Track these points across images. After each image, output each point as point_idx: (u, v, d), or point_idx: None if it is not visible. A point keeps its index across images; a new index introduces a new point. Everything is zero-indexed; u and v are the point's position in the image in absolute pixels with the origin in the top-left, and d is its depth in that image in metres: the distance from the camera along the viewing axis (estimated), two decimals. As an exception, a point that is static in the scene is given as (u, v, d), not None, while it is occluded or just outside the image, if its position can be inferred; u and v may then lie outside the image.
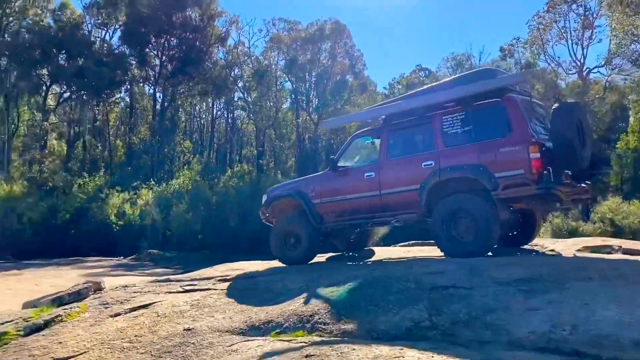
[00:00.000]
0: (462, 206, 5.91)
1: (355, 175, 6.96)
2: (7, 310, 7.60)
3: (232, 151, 50.54)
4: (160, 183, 33.40)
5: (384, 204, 6.56)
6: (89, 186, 29.72)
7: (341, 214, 6.97)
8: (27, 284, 12.93)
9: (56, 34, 31.87)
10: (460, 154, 5.98)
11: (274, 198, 7.67)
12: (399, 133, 6.76)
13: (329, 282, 4.86)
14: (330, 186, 7.12)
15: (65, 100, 36.34)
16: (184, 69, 38.57)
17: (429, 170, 6.12)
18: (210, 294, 5.07)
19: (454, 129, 6.14)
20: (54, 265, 19.15)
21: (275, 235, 7.37)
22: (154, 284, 5.74)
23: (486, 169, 5.73)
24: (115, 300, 5.09)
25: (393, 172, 6.56)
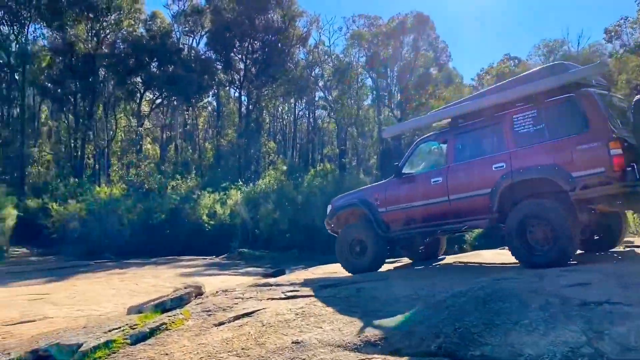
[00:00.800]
0: (539, 211, 5.55)
1: (422, 181, 6.78)
2: (113, 313, 7.79)
3: (314, 151, 50.89)
4: (248, 183, 34.20)
5: (452, 210, 6.34)
6: (182, 188, 30.92)
7: (408, 221, 6.82)
8: (129, 284, 13.46)
9: (148, 43, 33.53)
10: (533, 154, 5.68)
11: (338, 208, 7.67)
12: (466, 135, 6.52)
13: (441, 291, 4.37)
14: (395, 194, 6.98)
15: (157, 106, 38.16)
16: (267, 71, 39.26)
17: (500, 172, 5.86)
18: (314, 302, 4.75)
19: (525, 128, 5.87)
20: (152, 265, 19.97)
21: (340, 243, 7.35)
22: (254, 288, 5.53)
23: (562, 168, 5.39)
24: (217, 307, 4.92)
25: (461, 176, 6.33)
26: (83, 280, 15.20)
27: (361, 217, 7.45)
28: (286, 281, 5.92)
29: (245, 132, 39.41)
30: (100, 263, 21.06)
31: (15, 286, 14.72)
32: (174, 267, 19.26)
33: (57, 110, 37.47)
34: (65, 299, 10.73)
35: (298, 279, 6.05)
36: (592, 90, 5.73)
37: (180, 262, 21.06)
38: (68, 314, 8.75)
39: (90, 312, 9.17)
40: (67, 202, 28.35)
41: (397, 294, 4.73)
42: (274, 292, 5.20)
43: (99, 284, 13.69)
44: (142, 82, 35.18)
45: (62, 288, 12.75)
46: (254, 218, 27.09)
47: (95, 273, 17.34)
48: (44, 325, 7.31)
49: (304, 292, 5.15)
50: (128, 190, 31.24)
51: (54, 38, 33.93)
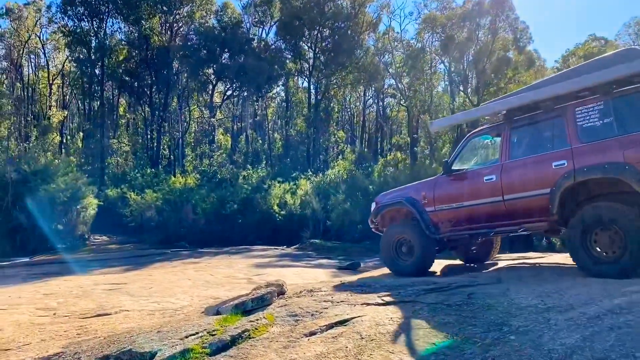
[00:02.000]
0: (607, 215, 4.96)
1: (473, 179, 6.31)
2: (189, 308, 7.39)
3: (383, 140, 49.78)
4: (317, 173, 33.82)
5: (507, 211, 5.84)
6: (253, 178, 30.99)
7: (458, 222, 6.39)
8: (203, 274, 13.28)
9: (219, 34, 33.76)
10: (599, 151, 5.08)
11: (383, 206, 7.30)
12: (523, 129, 5.98)
13: (580, 302, 3.47)
14: (444, 192, 6.57)
15: (229, 97, 38.50)
16: (336, 59, 38.55)
17: (561, 171, 5.32)
18: (418, 310, 4.00)
19: (590, 121, 5.27)
20: (225, 254, 19.93)
21: (385, 242, 7.00)
22: (344, 290, 4.84)
23: (633, 167, 4.77)
24: (305, 311, 4.30)
25: (517, 174, 5.81)
26: (159, 269, 15.26)
27: (408, 216, 7.04)
28: (379, 283, 5.19)
29: (314, 121, 39.00)
30: (175, 251, 21.31)
31: (96, 274, 15.01)
32: (246, 256, 19.09)
33: (134, 103, 38.66)
34: (141, 290, 10.60)
35: (393, 280, 5.31)
36: None
37: (252, 251, 20.91)
38: (144, 307, 8.50)
39: (165, 304, 8.91)
40: (144, 191, 29.13)
41: (518, 302, 3.89)
42: (369, 296, 4.49)
43: (174, 273, 13.61)
44: (213, 73, 35.53)
45: (139, 277, 12.74)
46: (324, 208, 26.59)
47: (171, 262, 17.45)
48: (119, 319, 7.02)
49: (404, 296, 4.41)
50: (201, 180, 31.72)
51: (130, 32, 34.90)
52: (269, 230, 26.73)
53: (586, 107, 5.37)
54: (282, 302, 4.71)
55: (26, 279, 14.51)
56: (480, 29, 36.92)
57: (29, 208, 22.95)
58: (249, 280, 12.30)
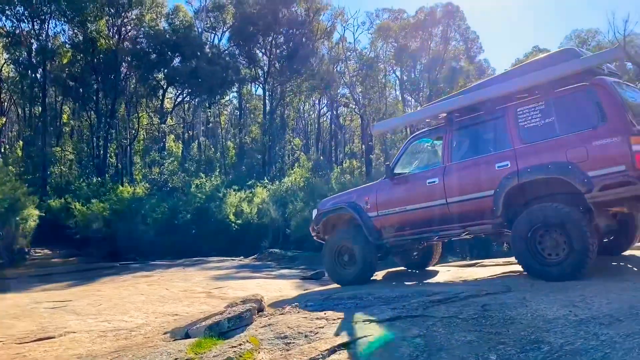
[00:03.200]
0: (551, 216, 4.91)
1: (416, 182, 6.22)
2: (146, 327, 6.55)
3: (337, 148, 49.61)
4: (273, 181, 33.06)
5: (451, 214, 5.74)
6: (206, 186, 29.89)
7: (402, 227, 6.25)
8: (158, 288, 12.31)
9: (170, 38, 32.55)
10: (542, 151, 5.05)
11: (325, 212, 7.09)
12: (465, 131, 5.94)
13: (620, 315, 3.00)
14: (387, 196, 6.43)
15: (180, 102, 37.23)
16: (291, 66, 38.06)
17: (505, 172, 5.26)
18: (431, 326, 3.43)
19: (532, 122, 5.25)
20: (179, 267, 18.88)
21: (327, 252, 6.84)
22: (336, 303, 4.21)
23: (576, 167, 4.76)
24: (295, 332, 3.64)
25: (461, 176, 5.73)
26: (108, 284, 14.13)
27: (350, 222, 6.88)
28: (369, 293, 4.59)
29: (269, 128, 38.27)
30: (125, 265, 20.06)
31: (37, 291, 13.74)
32: (202, 269, 18.15)
33: (79, 109, 36.73)
34: (89, 307, 9.59)
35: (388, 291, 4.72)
36: (609, 78, 5.05)
37: (208, 263, 19.94)
38: (93, 327, 7.58)
39: (118, 324, 8.00)
40: (90, 202, 27.50)
41: (543, 313, 3.39)
42: (370, 311, 3.88)
43: (125, 288, 12.56)
44: (164, 78, 34.18)
45: (86, 294, 11.65)
46: (283, 217, 25.86)
47: (120, 276, 16.30)
48: (65, 343, 6.12)
49: (408, 310, 3.82)
50: (152, 189, 30.33)
51: (75, 34, 33.15)
52: (224, 240, 25.73)
53: (527, 107, 5.32)
54: (264, 320, 4.03)
55: (-44, 298, 13.07)
56: (433, 39, 37.40)
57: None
58: (208, 294, 11.47)
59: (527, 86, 5.42)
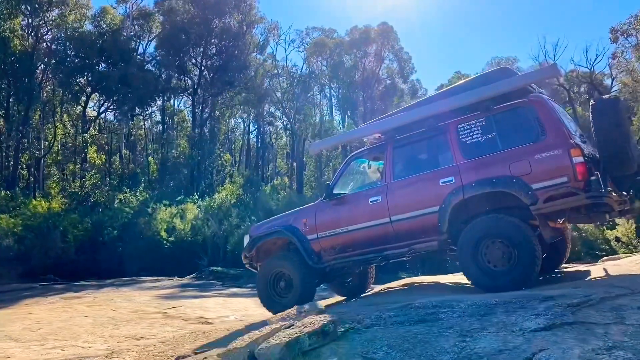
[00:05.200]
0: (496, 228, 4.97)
1: (358, 201, 6.04)
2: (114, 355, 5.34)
3: (264, 165, 48.69)
4: (204, 197, 31.51)
5: (396, 232, 5.62)
6: (132, 201, 27.83)
7: (343, 248, 6.04)
8: (101, 310, 10.76)
9: (96, 40, 30.26)
10: (485, 166, 5.11)
11: (259, 237, 6.73)
12: (406, 148, 5.90)
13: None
14: (327, 217, 6.22)
15: (105, 110, 34.72)
16: (223, 78, 36.90)
17: (449, 188, 5.25)
18: (614, 336, 2.71)
19: (473, 138, 5.32)
20: (110, 287, 17.01)
21: (261, 278, 6.56)
22: (445, 316, 3.40)
23: (520, 180, 4.87)
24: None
25: (404, 193, 5.66)
26: (36, 306, 12.23)
27: (286, 247, 6.64)
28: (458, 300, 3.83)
29: (199, 142, 36.68)
30: (46, 285, 17.78)
31: (-55, 316, 11.59)
32: (138, 289, 16.42)
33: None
34: (27, 332, 8.04)
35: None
36: (545, 95, 5.38)
37: (142, 283, 18.15)
38: (43, 356, 6.20)
39: (76, 350, 6.65)
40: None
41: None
42: (510, 319, 3.07)
43: (63, 310, 10.87)
44: (88, 83, 31.62)
45: (16, 317, 9.88)
46: (220, 233, 24.45)
47: (45, 297, 14.28)
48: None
49: (557, 316, 3.07)
50: (70, 203, 27.71)
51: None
52: (155, 258, 23.82)
53: (468, 123, 5.37)
54: (354, 335, 3.14)
55: None
56: (367, 57, 37.85)
57: None
58: (164, 314, 10.15)
59: (468, 103, 5.44)
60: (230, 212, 28.11)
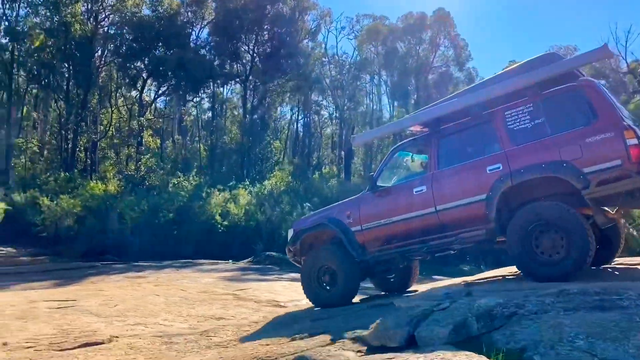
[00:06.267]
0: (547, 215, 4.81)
1: (402, 192, 6.03)
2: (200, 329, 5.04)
3: (310, 154, 48.38)
4: (254, 184, 31.52)
5: (441, 222, 5.56)
6: (187, 186, 28.07)
7: (388, 240, 6.01)
8: (169, 289, 10.69)
9: (154, 25, 30.51)
10: (534, 152, 5.03)
11: (302, 231, 6.76)
12: (451, 138, 5.85)
13: None
14: (372, 209, 6.21)
15: (161, 94, 35.15)
16: (274, 64, 36.71)
17: (496, 175, 5.17)
18: None
19: (521, 124, 5.24)
20: (170, 268, 17.08)
21: (306, 272, 6.54)
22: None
23: (571, 164, 4.76)
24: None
25: (450, 182, 5.59)
26: (103, 284, 12.33)
27: (330, 240, 6.60)
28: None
29: (250, 129, 36.72)
30: (107, 265, 18.09)
31: (18, 289, 11.82)
32: (198, 270, 16.42)
33: (46, 98, 34.12)
34: (105, 309, 7.96)
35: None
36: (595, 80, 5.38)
37: (201, 265, 18.16)
38: (129, 332, 6.01)
39: (158, 328, 6.45)
40: (58, 197, 25.14)
41: None
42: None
43: (129, 289, 10.87)
44: (145, 68, 31.99)
45: (88, 294, 9.91)
46: (277, 219, 24.33)
47: (109, 276, 14.46)
48: (123, 351, 4.58)
49: None
50: (126, 186, 28.17)
51: (47, 17, 30.67)
52: (209, 242, 23.90)
53: (515, 110, 5.29)
54: (526, 322, 2.69)
55: None
56: (422, 44, 36.86)
57: None
58: (235, 296, 9.98)
59: (514, 89, 5.34)
60: (282, 198, 28.02)
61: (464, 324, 2.56)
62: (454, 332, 2.53)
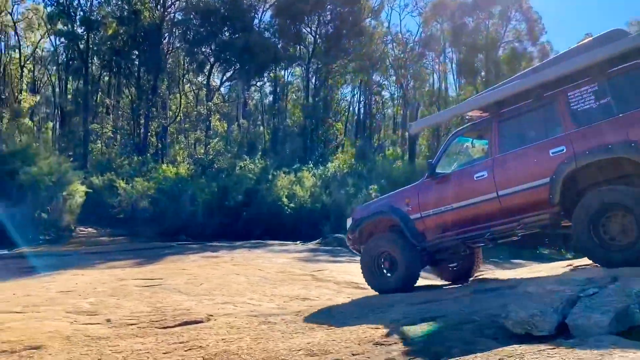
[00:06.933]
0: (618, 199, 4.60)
1: (462, 177, 5.93)
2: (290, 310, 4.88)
3: (373, 134, 47.73)
4: (317, 166, 31.52)
5: (503, 208, 5.45)
6: (254, 168, 28.46)
7: (448, 227, 5.94)
8: (249, 269, 10.80)
9: (219, 10, 30.90)
10: (600, 133, 4.80)
11: (362, 219, 6.76)
12: (512, 121, 5.69)
13: None
14: (431, 196, 6.13)
15: (228, 78, 35.70)
16: (337, 45, 36.34)
17: (560, 157, 5.00)
18: None
19: (585, 104, 5.03)
20: (242, 249, 17.34)
21: (365, 258, 6.60)
22: None
23: None
24: None
25: (511, 167, 5.47)
26: (182, 264, 12.63)
27: (389, 227, 6.54)
28: None
29: (313, 111, 36.65)
30: (182, 245, 18.64)
31: (103, 268, 12.34)
32: (270, 251, 16.59)
33: (119, 84, 35.46)
34: (191, 287, 8.09)
35: None
36: None
37: (271, 246, 18.35)
38: (221, 310, 6.03)
39: (247, 307, 6.46)
40: (133, 180, 26.17)
41: None
42: None
43: (209, 268, 11.06)
44: (212, 52, 32.54)
45: (172, 272, 10.15)
46: (339, 201, 24.27)
47: (186, 255, 14.82)
48: (223, 330, 4.54)
49: None
50: (196, 169, 28.93)
51: (118, 6, 31.72)
52: (276, 223, 24.21)
53: (579, 90, 5.06)
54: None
55: (19, 273, 11.68)
56: (492, 18, 35.30)
57: (7, 193, 19.78)
58: (313, 277, 9.91)
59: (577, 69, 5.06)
60: (346, 181, 27.91)
61: (626, 312, 2.26)
62: (615, 320, 2.24)
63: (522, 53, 33.46)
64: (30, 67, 38.69)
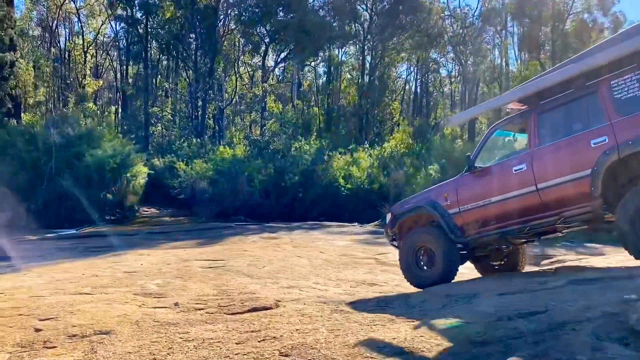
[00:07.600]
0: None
1: (501, 171, 5.75)
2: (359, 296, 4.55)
3: (429, 113, 46.42)
4: (373, 146, 30.94)
5: (543, 201, 5.21)
6: (309, 149, 28.27)
7: (487, 221, 5.79)
8: (310, 251, 10.64)
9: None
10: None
11: (401, 214, 6.69)
12: (551, 113, 5.40)
13: None
14: (469, 190, 6.00)
15: (284, 59, 35.54)
16: (394, 21, 35.31)
17: (602, 148, 4.72)
18: None
19: (629, 93, 4.71)
20: (300, 230, 17.31)
21: (404, 253, 6.46)
22: None
23: None
24: None
25: (551, 159, 5.21)
26: (243, 244, 12.66)
27: (428, 222, 6.44)
28: None
29: (368, 91, 35.94)
30: (241, 225, 18.81)
31: (166, 248, 12.52)
32: (327, 232, 16.47)
33: (177, 68, 36.03)
34: (254, 269, 7.96)
35: None
36: None
37: (328, 227, 18.22)
38: (287, 295, 5.80)
39: (313, 292, 6.22)
40: (192, 162, 26.59)
41: None
42: None
43: (270, 250, 11.00)
44: (268, 33, 32.41)
45: (233, 254, 10.12)
46: (399, 182, 23.70)
47: (246, 236, 14.88)
48: (296, 319, 4.28)
49: None
50: (252, 150, 29.06)
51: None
52: (332, 205, 24.02)
53: (623, 78, 4.81)
54: None
55: (86, 253, 12.05)
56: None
57: (75, 174, 20.53)
58: (377, 261, 9.63)
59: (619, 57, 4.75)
60: (404, 161, 27.22)
61: None
62: None
63: (592, 25, 31.28)
64: (92, 52, 40.05)
